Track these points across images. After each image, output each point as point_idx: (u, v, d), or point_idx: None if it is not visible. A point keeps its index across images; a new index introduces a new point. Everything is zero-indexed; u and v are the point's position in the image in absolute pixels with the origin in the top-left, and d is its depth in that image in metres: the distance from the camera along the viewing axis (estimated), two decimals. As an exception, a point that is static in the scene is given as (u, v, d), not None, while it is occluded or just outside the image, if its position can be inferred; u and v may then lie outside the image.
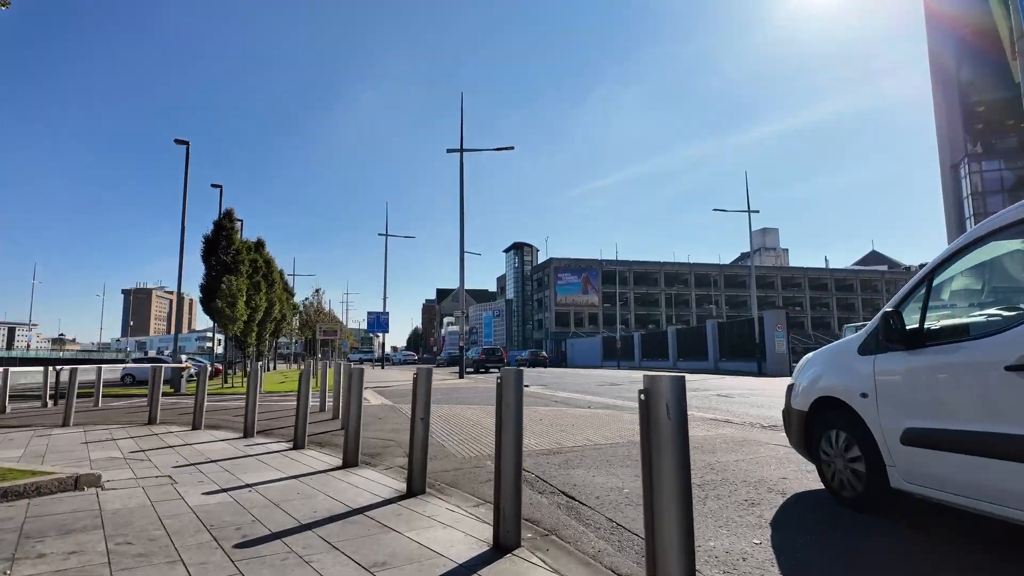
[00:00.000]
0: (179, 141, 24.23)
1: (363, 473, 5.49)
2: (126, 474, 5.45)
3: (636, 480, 4.86)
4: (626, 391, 15.77)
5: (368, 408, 11.41)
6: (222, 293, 22.47)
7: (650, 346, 54.29)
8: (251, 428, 8.10)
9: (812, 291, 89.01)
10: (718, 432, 7.44)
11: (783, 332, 34.85)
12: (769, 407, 10.92)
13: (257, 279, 30.15)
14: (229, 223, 25.65)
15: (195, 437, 8.06)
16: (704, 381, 21.20)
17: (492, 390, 15.47)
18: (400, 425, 8.96)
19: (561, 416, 9.39)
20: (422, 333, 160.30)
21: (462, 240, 23.96)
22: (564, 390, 16.47)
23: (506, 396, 3.53)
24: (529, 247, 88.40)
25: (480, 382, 21.37)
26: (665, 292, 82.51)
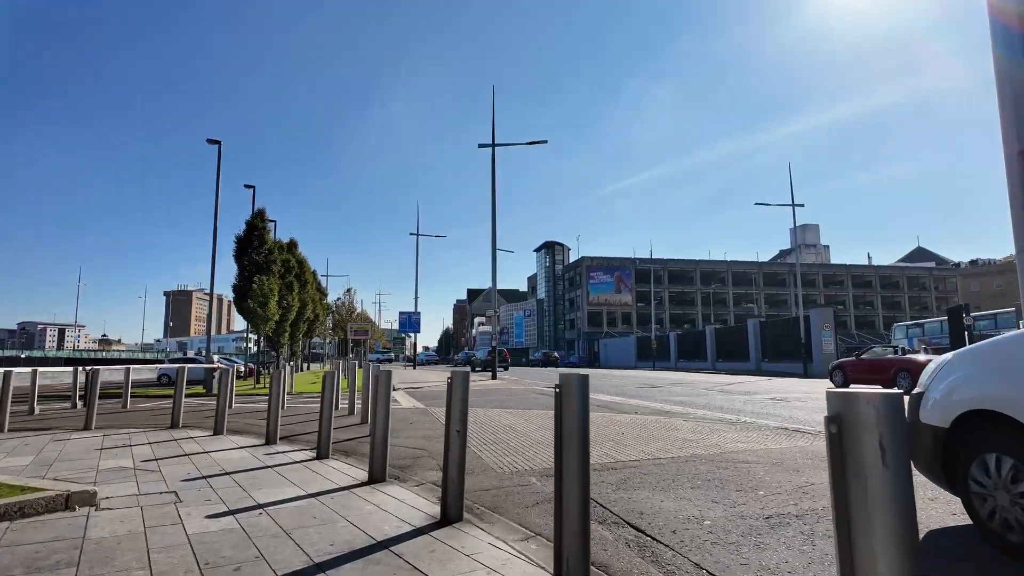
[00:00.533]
0: (211, 141, 24.19)
1: (391, 491, 4.79)
2: (128, 489, 4.87)
3: (715, 507, 4.03)
4: (668, 394, 14.81)
5: (398, 412, 10.79)
6: (253, 293, 22.28)
7: (687, 346, 52.73)
8: (273, 435, 7.51)
9: (855, 289, 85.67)
10: (794, 444, 6.52)
11: (831, 331, 33.16)
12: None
13: (289, 279, 30.07)
14: (261, 223, 25.53)
15: (214, 444, 7.51)
16: (753, 383, 20.04)
17: (527, 392, 14.68)
18: (432, 431, 8.28)
19: (608, 423, 8.57)
20: (453, 333, 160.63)
21: (494, 236, 23.29)
22: (603, 392, 15.61)
23: (567, 409, 2.76)
24: (560, 246, 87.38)
25: (513, 383, 20.65)
26: (701, 291, 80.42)
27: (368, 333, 19.96)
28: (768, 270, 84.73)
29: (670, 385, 19.14)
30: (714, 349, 47.10)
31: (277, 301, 23.07)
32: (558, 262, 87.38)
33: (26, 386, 20.02)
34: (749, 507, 4.00)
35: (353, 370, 13.15)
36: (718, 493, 4.41)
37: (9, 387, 9.44)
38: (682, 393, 15.32)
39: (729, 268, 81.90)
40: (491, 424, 8.81)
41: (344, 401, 12.44)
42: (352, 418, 10.53)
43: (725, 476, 4.95)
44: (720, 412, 10.21)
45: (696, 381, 22.30)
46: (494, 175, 23.65)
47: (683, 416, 9.54)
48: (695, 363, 49.17)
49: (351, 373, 15.81)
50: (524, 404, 11.81)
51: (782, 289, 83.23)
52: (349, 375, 13.60)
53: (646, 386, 18.79)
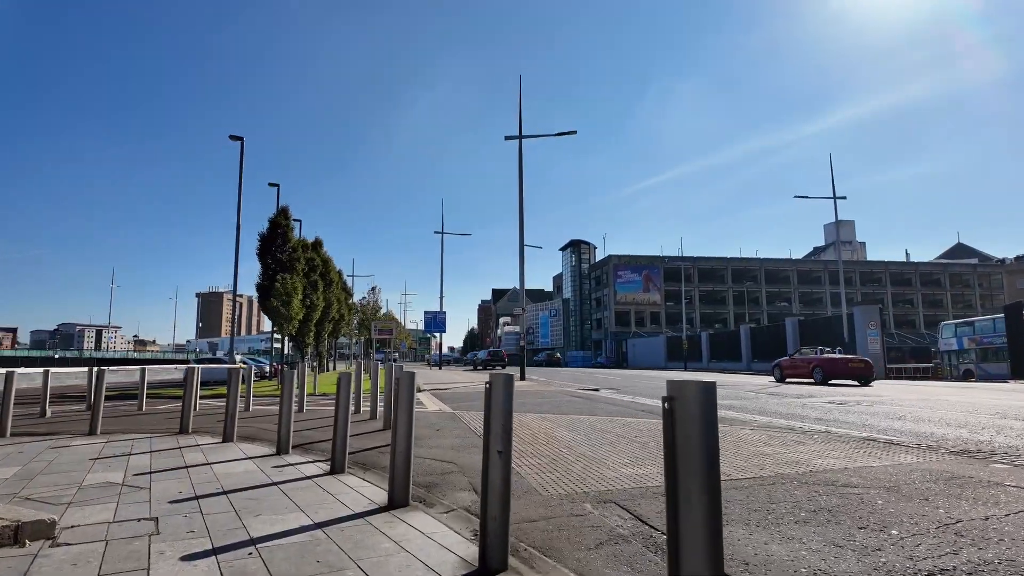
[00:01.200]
0: (233, 137, 23.82)
1: (415, 520, 3.89)
2: (102, 515, 4.06)
3: (842, 555, 3.03)
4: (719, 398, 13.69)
5: (423, 416, 9.93)
6: (276, 291, 21.77)
7: (720, 346, 51.04)
8: (284, 443, 6.70)
9: (894, 287, 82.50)
10: (899, 461, 5.43)
11: (877, 330, 31.40)
12: (914, 419, 8.68)
13: (314, 278, 29.62)
14: (285, 220, 25.06)
15: (220, 453, 6.74)
16: (800, 386, 18.70)
17: (560, 395, 13.67)
18: (461, 440, 7.38)
19: (660, 432, 7.56)
20: (478, 334, 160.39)
21: (521, 230, 22.38)
22: (641, 395, 14.55)
23: (687, 442, 1.81)
24: (586, 244, 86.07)
25: (542, 384, 19.67)
26: (733, 289, 78.25)
27: (393, 332, 19.24)
28: (802, 268, 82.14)
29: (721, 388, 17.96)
30: (749, 349, 45.38)
31: (301, 300, 22.52)
32: (584, 261, 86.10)
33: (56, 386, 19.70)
34: (890, 555, 2.99)
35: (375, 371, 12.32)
36: (836, 531, 3.40)
37: (11, 388, 8.84)
38: (728, 396, 14.17)
39: (762, 266, 79.54)
40: (527, 431, 7.88)
41: (366, 403, 11.66)
42: (373, 423, 9.72)
43: (833, 506, 3.93)
44: (782, 419, 9.10)
45: (737, 383, 21.03)
46: (521, 168, 22.74)
47: (744, 424, 8.46)
48: (729, 363, 47.48)
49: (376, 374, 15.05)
50: (559, 408, 10.85)
51: (817, 287, 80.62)
52: (373, 376, 12.83)
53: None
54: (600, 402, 12.09)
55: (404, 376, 4.79)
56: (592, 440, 7.00)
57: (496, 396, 3.28)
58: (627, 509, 4.04)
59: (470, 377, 26.23)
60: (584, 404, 11.59)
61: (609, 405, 11.32)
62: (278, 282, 21.91)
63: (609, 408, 10.72)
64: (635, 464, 5.59)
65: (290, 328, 22.07)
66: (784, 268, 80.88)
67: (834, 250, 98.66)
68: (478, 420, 9.14)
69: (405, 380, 4.70)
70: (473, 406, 11.65)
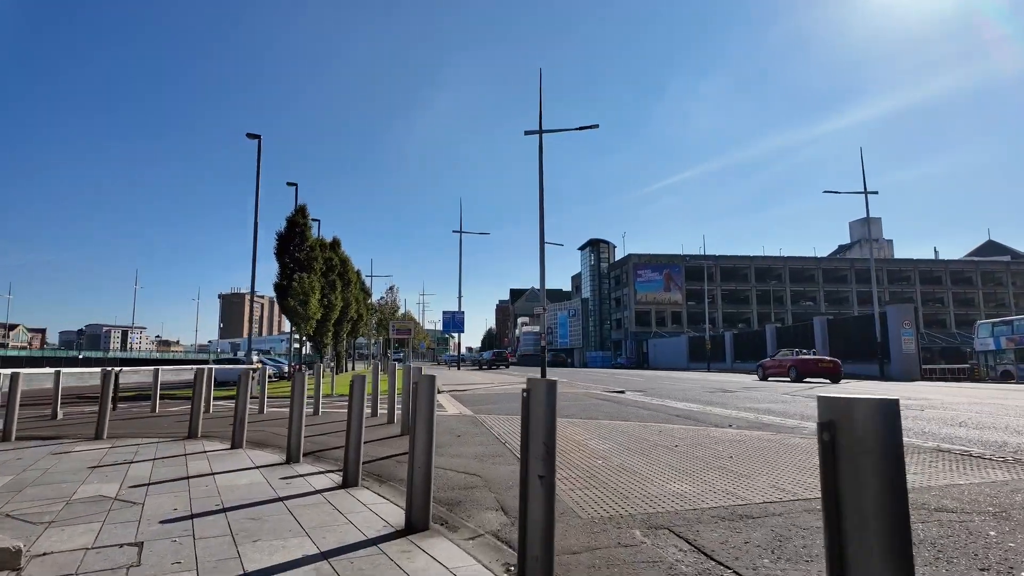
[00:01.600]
0: (251, 135, 23.59)
1: (436, 550, 3.33)
2: (81, 539, 3.57)
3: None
4: (748, 400, 12.96)
5: (444, 420, 9.40)
6: (294, 291, 21.48)
7: (744, 346, 49.83)
8: (295, 451, 6.21)
9: (923, 285, 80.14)
10: (987, 477, 4.73)
11: (911, 330, 30.20)
12: (977, 426, 7.90)
13: (332, 277, 29.38)
14: (302, 219, 24.80)
15: (226, 461, 6.26)
16: (834, 388, 17.88)
17: (586, 398, 13.03)
18: (485, 448, 6.82)
19: (703, 440, 6.92)
20: (496, 334, 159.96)
21: (542, 226, 21.75)
22: (670, 398, 13.87)
23: (862, 491, 1.21)
24: (606, 243, 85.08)
25: (564, 385, 19.05)
26: (757, 288, 76.73)
27: (411, 332, 18.78)
28: (827, 266, 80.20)
29: (744, 390, 17.17)
30: (775, 349, 44.13)
31: (319, 299, 22.22)
32: (603, 260, 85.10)
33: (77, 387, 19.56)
34: (1037, 612, 2.35)
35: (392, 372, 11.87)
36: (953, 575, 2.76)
37: (17, 390, 8.50)
38: (764, 399, 13.43)
39: (786, 264, 77.84)
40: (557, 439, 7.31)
41: (384, 406, 11.18)
42: (391, 427, 9.20)
43: (936, 538, 3.28)
44: (811, 420, 8.41)
45: (769, 385, 20.19)
46: (541, 163, 22.11)
47: (793, 431, 7.77)
48: (753, 364, 46.26)
49: (393, 375, 14.59)
50: (587, 412, 10.24)
51: (843, 286, 78.70)
52: (391, 377, 12.38)
53: (716, 391, 16.90)
54: (629, 406, 11.45)
55: (423, 380, 4.24)
56: (629, 449, 6.39)
57: (536, 408, 2.71)
58: (684, 538, 3.43)
59: (489, 378, 25.71)
60: (613, 408, 10.97)
61: (639, 409, 10.68)
62: (295, 281, 21.63)
63: (640, 412, 10.08)
64: (681, 478, 4.98)
65: (308, 328, 21.76)
66: (809, 266, 79.06)
67: (860, 248, 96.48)
68: (502, 425, 8.57)
69: (424, 385, 4.16)
70: (495, 409, 11.09)
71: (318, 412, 11.09)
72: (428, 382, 4.16)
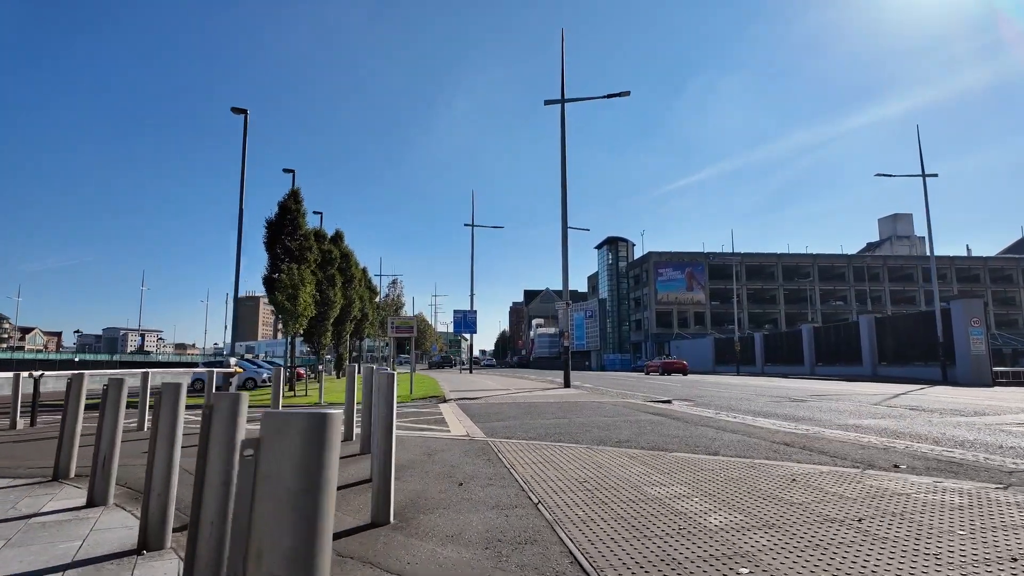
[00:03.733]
0: (236, 110, 21.03)
1: None
2: None
3: None
4: (826, 412, 9.95)
5: (440, 447, 6.55)
6: (281, 283, 18.80)
7: (777, 348, 46.40)
8: (101, 493, 3.38)
9: (960, 284, 75.89)
10: None
11: (980, 328, 26.77)
12: None
13: (331, 272, 26.73)
14: (295, 204, 22.13)
15: (43, 537, 3.45)
16: (917, 394, 14.56)
17: (627, 410, 9.22)
18: (505, 515, 3.91)
19: (887, 504, 3.99)
20: (509, 336, 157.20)
21: (564, 205, 18.91)
22: (734, 410, 10.92)
23: None
24: (624, 241, 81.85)
25: (593, 392, 16.12)
26: (784, 287, 73.07)
27: (413, 331, 16.08)
28: (859, 264, 76.27)
29: (814, 398, 14.12)
30: (813, 351, 40.79)
31: (311, 294, 19.52)
32: (621, 259, 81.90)
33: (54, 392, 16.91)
34: None
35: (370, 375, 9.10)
36: None
37: None
38: (846, 411, 10.46)
39: (815, 262, 74.09)
40: (611, 482, 4.40)
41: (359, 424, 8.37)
42: (349, 445, 6.45)
43: None
44: (983, 451, 5.48)
45: (837, 392, 17.06)
46: (564, 134, 19.28)
47: (1012, 477, 4.80)
48: (788, 367, 42.94)
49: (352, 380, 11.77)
50: (645, 436, 7.34)
51: (875, 284, 74.78)
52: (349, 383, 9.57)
53: (780, 399, 13.88)
54: (696, 424, 8.53)
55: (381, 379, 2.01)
56: (768, 526, 3.48)
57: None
58: None
59: (505, 383, 22.84)
60: (677, 428, 8.06)
61: (716, 431, 7.75)
62: (283, 273, 18.95)
63: (722, 437, 7.14)
64: None
65: (297, 327, 19.06)
66: (839, 264, 75.24)
67: (891, 245, 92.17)
68: (525, 458, 5.68)
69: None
70: (516, 429, 8.22)
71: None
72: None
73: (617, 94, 19.51)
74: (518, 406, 11.95)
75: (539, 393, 16.10)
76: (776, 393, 16.40)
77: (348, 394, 7.64)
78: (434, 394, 16.17)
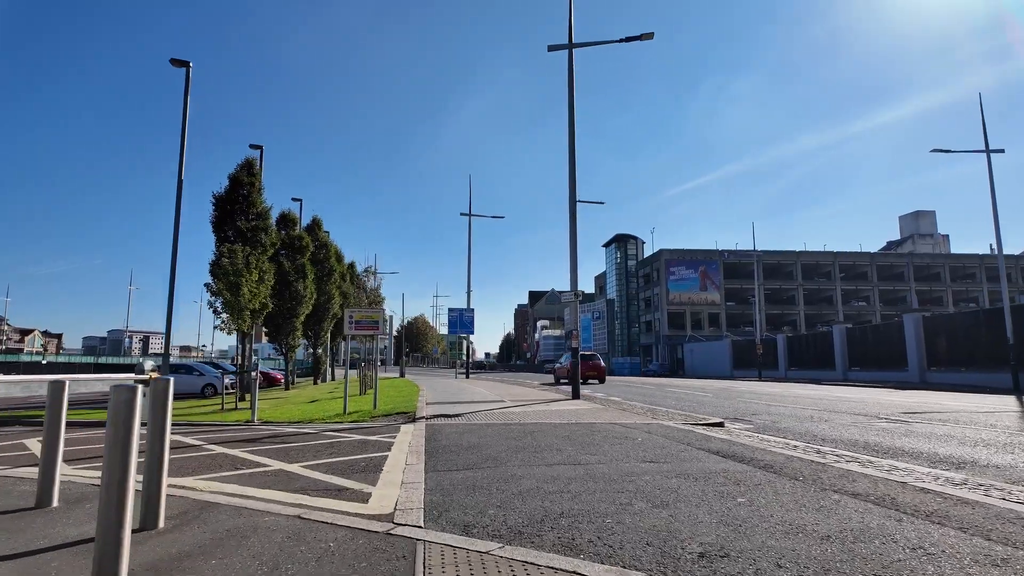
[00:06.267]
0: (177, 62, 17.51)
1: None
2: None
3: None
4: (1008, 449, 6.25)
5: (305, 555, 2.85)
6: (223, 269, 15.20)
7: (802, 351, 42.39)
8: None
9: (991, 284, 71.58)
10: None
11: (1062, 328, 22.92)
12: None
13: (300, 261, 23.14)
14: (248, 178, 18.57)
15: None
16: (995, 413, 10.75)
17: (672, 441, 6.25)
18: None
19: None
20: (514, 339, 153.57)
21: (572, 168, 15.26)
22: (817, 439, 7.24)
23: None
24: (633, 239, 77.96)
25: (615, 408, 12.45)
26: (804, 287, 69.01)
27: (378, 326, 12.58)
28: (882, 262, 72.12)
29: (909, 419, 10.34)
30: (845, 354, 36.90)
31: (257, 281, 15.88)
32: (631, 257, 78.02)
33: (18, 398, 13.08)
34: None
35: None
36: None
37: None
38: (997, 442, 6.76)
39: (835, 260, 70.03)
40: None
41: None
42: None
43: None
44: None
45: (920, 406, 13.23)
46: (571, 86, 15.62)
47: None
48: (816, 372, 39.01)
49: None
50: (749, 531, 3.69)
51: (899, 284, 70.61)
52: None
53: (860, 418, 10.14)
54: (799, 479, 4.87)
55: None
56: None
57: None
58: None
59: (501, 392, 19.13)
60: (776, 492, 4.39)
61: (848, 498, 4.12)
62: (225, 256, 15.36)
63: (894, 531, 3.48)
64: None
65: (239, 323, 15.41)
66: (861, 262, 71.13)
67: (912, 243, 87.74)
68: None
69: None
70: (491, 497, 4.53)
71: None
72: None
73: (637, 37, 15.87)
74: (510, 432, 8.26)
75: (541, 408, 12.41)
76: (842, 407, 12.64)
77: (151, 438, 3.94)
78: (404, 409, 12.50)
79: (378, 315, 13.09)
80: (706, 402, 15.20)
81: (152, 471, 3.74)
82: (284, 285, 21.78)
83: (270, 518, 3.96)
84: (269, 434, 9.39)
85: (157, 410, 3.83)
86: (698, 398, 16.91)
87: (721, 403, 14.80)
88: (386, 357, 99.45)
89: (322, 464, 6.20)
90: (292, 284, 22.34)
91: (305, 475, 5.63)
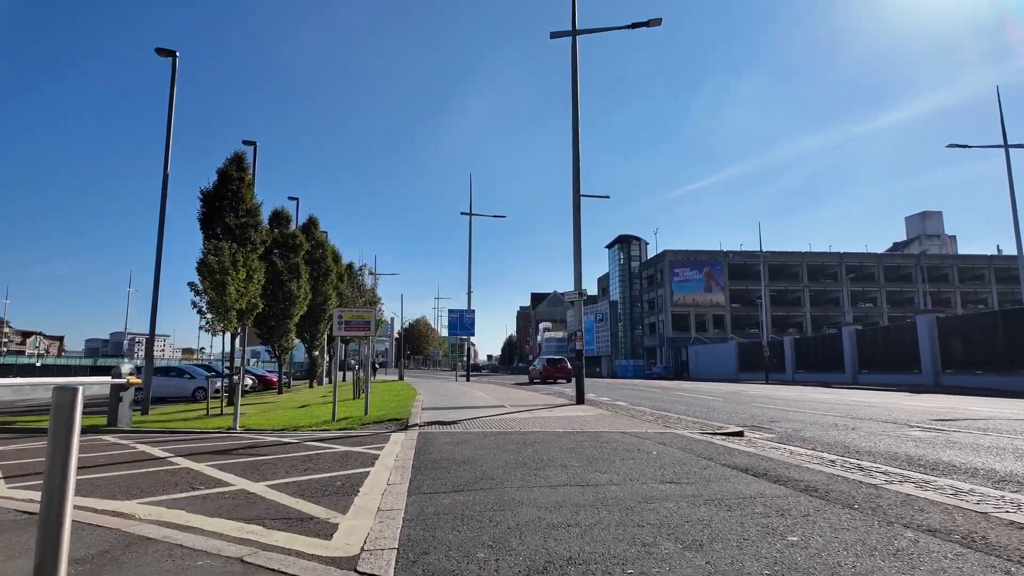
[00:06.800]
0: (162, 51, 16.84)
1: None
2: None
3: None
4: None
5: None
6: (208, 267, 14.45)
7: (811, 354, 41.47)
8: None
9: (1000, 284, 70.64)
10: None
11: (1084, 330, 22.00)
12: None
13: (294, 260, 22.40)
14: (238, 173, 17.86)
15: None
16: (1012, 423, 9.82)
17: (661, 450, 5.50)
18: None
19: None
20: (516, 342, 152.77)
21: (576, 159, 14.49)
22: (850, 452, 6.45)
23: None
24: (637, 240, 77.13)
25: (623, 415, 11.65)
26: (809, 288, 68.09)
27: (369, 327, 11.82)
28: (889, 263, 71.18)
29: (944, 426, 9.51)
30: (855, 357, 36.01)
31: (245, 280, 15.12)
32: (634, 259, 77.17)
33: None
34: None
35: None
36: None
37: None
38: None
39: (842, 261, 69.13)
40: None
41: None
42: None
43: None
44: None
45: (949, 412, 12.39)
46: (575, 73, 14.87)
47: None
48: (825, 375, 38.11)
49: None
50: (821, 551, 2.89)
51: (907, 285, 69.61)
52: None
53: (890, 425, 9.31)
54: (849, 508, 4.10)
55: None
56: None
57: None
58: None
59: (501, 396, 18.33)
60: (834, 529, 3.63)
61: (913, 533, 3.31)
62: (210, 254, 14.61)
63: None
64: None
65: (225, 324, 14.65)
66: (868, 263, 70.22)
67: (919, 243, 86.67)
68: None
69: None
70: (483, 532, 3.73)
71: None
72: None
73: (644, 23, 15.12)
74: (509, 443, 7.47)
75: (543, 414, 11.61)
76: (864, 413, 11.82)
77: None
78: (397, 415, 11.72)
79: (369, 315, 12.30)
80: (717, 407, 14.39)
81: (52, 504, 2.95)
82: (277, 285, 21.04)
83: (205, 562, 3.17)
84: (247, 444, 8.62)
85: (60, 429, 3.02)
86: (708, 403, 16.10)
87: (733, 408, 13.98)
88: (387, 360, 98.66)
89: (292, 484, 5.41)
90: (285, 284, 21.59)
91: (269, 498, 4.84)
